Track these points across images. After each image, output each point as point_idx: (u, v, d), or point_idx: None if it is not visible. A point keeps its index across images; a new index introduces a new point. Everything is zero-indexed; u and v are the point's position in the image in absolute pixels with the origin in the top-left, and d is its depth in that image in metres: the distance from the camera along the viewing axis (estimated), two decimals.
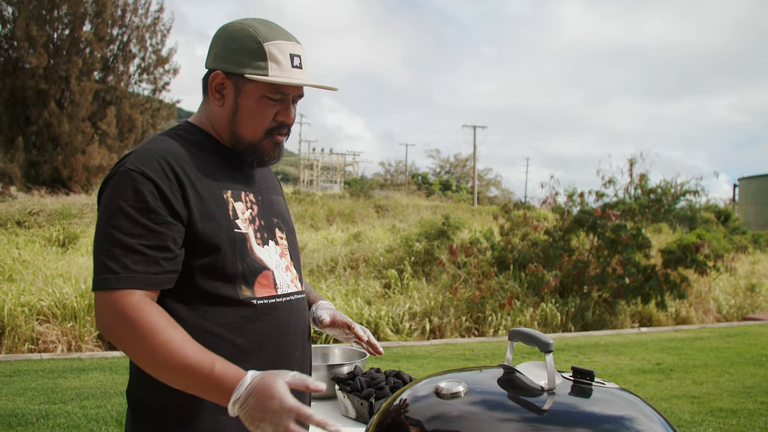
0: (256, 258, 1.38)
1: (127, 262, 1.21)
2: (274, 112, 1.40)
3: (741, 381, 5.90)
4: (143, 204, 1.24)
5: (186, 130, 1.44)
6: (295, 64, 1.38)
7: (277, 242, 1.46)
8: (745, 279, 13.53)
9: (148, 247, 1.23)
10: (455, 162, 56.79)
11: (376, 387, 1.94)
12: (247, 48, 1.35)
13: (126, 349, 1.24)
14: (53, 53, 22.46)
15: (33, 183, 20.26)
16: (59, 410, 4.47)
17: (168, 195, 1.27)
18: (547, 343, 1.30)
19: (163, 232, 1.25)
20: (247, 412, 1.15)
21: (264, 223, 1.44)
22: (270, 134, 1.41)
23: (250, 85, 1.37)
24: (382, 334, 8.59)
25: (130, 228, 1.23)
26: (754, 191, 38.61)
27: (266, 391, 1.14)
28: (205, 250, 1.31)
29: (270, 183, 1.56)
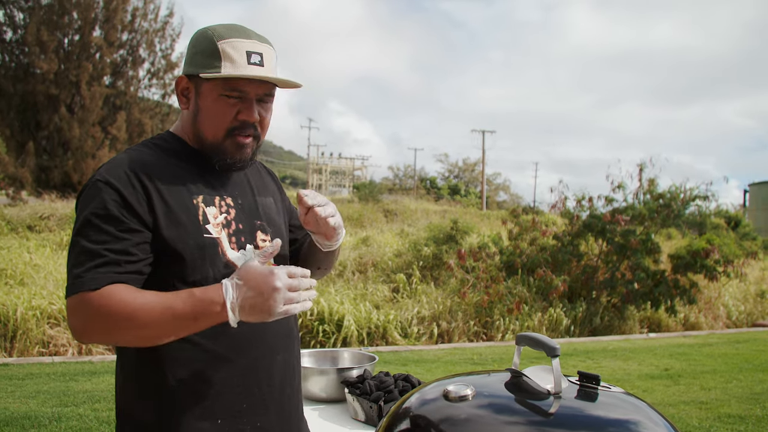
0: (229, 262, 1.37)
1: (91, 266, 1.24)
2: (235, 111, 1.38)
3: (749, 387, 5.88)
4: (106, 212, 1.27)
5: (163, 139, 1.46)
6: (252, 61, 1.36)
7: (258, 245, 1.45)
8: (756, 285, 13.47)
9: (112, 251, 1.25)
10: (464, 166, 56.75)
11: (385, 390, 1.96)
12: (203, 49, 1.36)
13: (107, 334, 1.26)
14: (64, 58, 22.64)
15: (44, 188, 20.39)
16: (71, 413, 4.52)
17: (132, 203, 1.29)
18: (553, 348, 1.32)
19: (126, 238, 1.27)
20: (250, 305, 1.19)
21: (242, 227, 1.43)
22: (231, 134, 1.39)
23: (207, 85, 1.37)
24: (391, 338, 8.61)
25: (95, 236, 1.26)
26: (764, 197, 38.37)
27: (257, 276, 1.20)
28: (172, 257, 1.32)
29: (259, 185, 1.55)
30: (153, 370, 1.34)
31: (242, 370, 1.37)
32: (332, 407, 2.11)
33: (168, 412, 1.33)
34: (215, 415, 1.35)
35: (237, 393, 1.37)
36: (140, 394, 1.36)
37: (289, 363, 1.49)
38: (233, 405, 1.36)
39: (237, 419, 1.37)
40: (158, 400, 1.32)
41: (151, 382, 1.34)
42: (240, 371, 1.37)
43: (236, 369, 1.37)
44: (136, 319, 1.21)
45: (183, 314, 1.21)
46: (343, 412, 2.07)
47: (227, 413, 1.36)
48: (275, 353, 1.44)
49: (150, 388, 1.34)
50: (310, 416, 2.00)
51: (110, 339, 1.28)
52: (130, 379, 1.38)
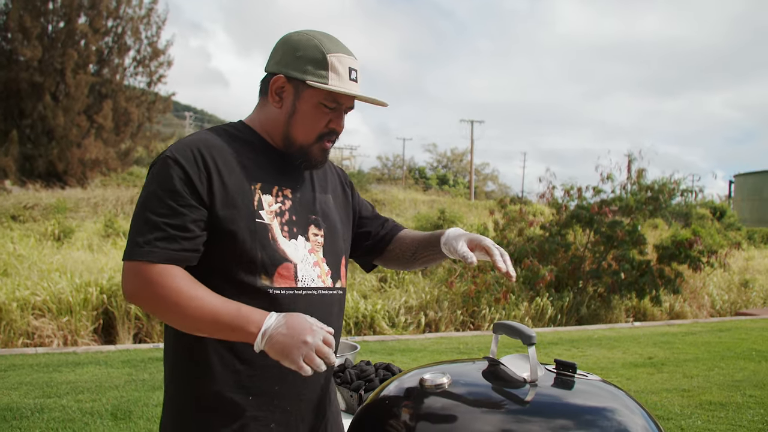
0: (278, 249, 1.44)
1: (151, 237, 1.34)
2: (328, 120, 1.48)
3: (731, 375, 5.95)
4: (171, 187, 1.36)
5: (234, 127, 1.54)
6: (352, 77, 1.47)
7: (309, 238, 1.51)
8: (739, 275, 13.60)
9: (170, 226, 1.34)
10: (452, 156, 56.79)
11: (366, 379, 1.97)
12: (311, 57, 1.45)
13: (154, 309, 1.36)
14: (48, 45, 22.40)
15: (28, 177, 20.21)
16: (54, 404, 4.49)
17: (194, 181, 1.37)
18: (529, 336, 1.33)
19: (185, 213, 1.35)
20: (276, 340, 1.27)
21: (296, 219, 1.49)
22: (320, 140, 1.49)
23: (310, 91, 1.45)
24: (378, 327, 8.63)
25: (158, 208, 1.35)
26: (749, 188, 38.70)
27: (298, 323, 1.28)
28: (225, 236, 1.39)
29: (322, 182, 1.63)
30: (195, 342, 1.42)
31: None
32: None
33: (203, 380, 1.41)
34: (248, 391, 1.41)
35: (272, 375, 1.42)
36: (180, 365, 1.45)
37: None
38: (266, 386, 1.42)
39: (268, 400, 1.42)
40: (195, 365, 1.42)
41: (192, 349, 1.42)
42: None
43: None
44: (184, 310, 1.31)
45: (224, 322, 1.30)
46: None
47: (259, 392, 1.42)
48: None
49: (191, 354, 1.43)
50: None
51: (154, 313, 1.38)
52: (173, 349, 1.47)
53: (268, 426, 1.42)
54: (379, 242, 1.76)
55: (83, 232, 13.47)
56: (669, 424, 4.39)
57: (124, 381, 5.15)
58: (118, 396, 4.72)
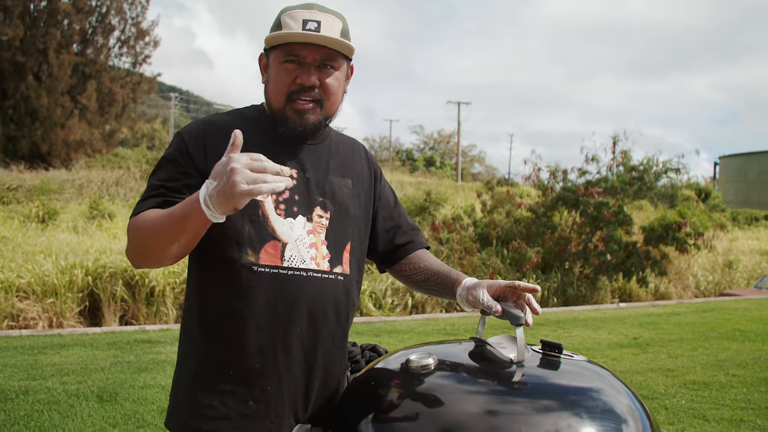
0: (268, 226, 1.42)
1: (146, 196, 1.41)
2: (293, 76, 1.44)
3: (714, 354, 6.02)
4: (171, 156, 1.45)
5: (249, 109, 1.58)
6: (307, 28, 1.42)
7: (311, 219, 1.48)
8: (724, 256, 13.74)
9: (166, 188, 1.41)
10: (439, 138, 56.77)
11: (352, 360, 1.95)
12: (272, 23, 1.49)
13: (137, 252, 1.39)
14: (30, 25, 22.03)
15: (11, 158, 19.97)
16: (39, 386, 4.46)
17: (192, 152, 1.44)
18: (517, 317, 1.32)
19: (180, 179, 1.42)
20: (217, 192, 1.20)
21: (298, 198, 1.47)
22: (291, 99, 1.45)
23: (272, 54, 1.47)
24: (365, 309, 8.64)
25: (159, 174, 1.45)
26: (734, 169, 39.04)
27: (218, 167, 1.22)
28: None
29: (340, 164, 1.58)
30: (189, 320, 1.49)
31: (256, 330, 1.42)
32: None
33: (192, 356, 1.46)
34: (228, 366, 1.42)
35: (252, 353, 1.42)
36: (182, 339, 1.52)
37: (309, 340, 1.47)
38: (247, 363, 1.42)
39: (248, 378, 1.42)
40: (188, 345, 1.48)
41: (190, 329, 1.49)
42: (254, 330, 1.42)
43: (251, 328, 1.42)
44: (147, 227, 1.34)
45: (178, 215, 1.29)
46: None
47: (240, 369, 1.42)
48: (296, 324, 1.45)
49: (188, 334, 1.49)
50: None
51: (139, 252, 1.39)
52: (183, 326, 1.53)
53: (246, 403, 1.42)
54: (391, 253, 1.69)
55: (68, 214, 13.35)
56: (653, 404, 4.44)
57: (110, 363, 5.13)
58: (104, 378, 4.70)
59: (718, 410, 4.34)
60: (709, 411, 4.32)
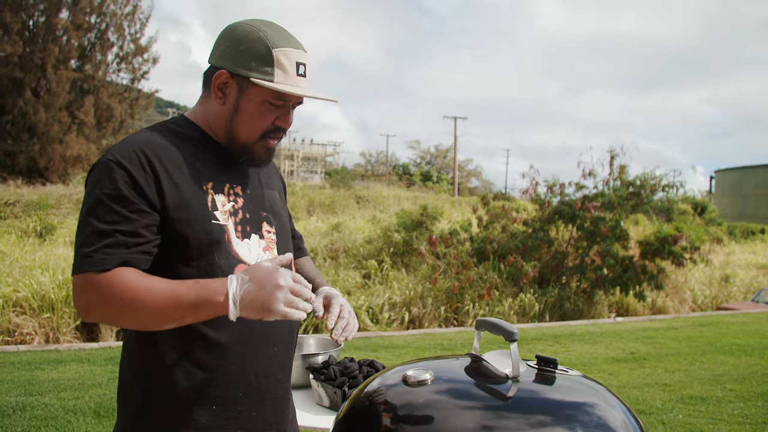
0: (232, 251, 1.38)
1: (100, 246, 1.26)
2: (273, 117, 1.41)
3: (711, 369, 6.02)
4: (117, 192, 1.28)
5: (177, 123, 1.46)
6: (300, 73, 1.39)
7: (263, 236, 1.46)
8: (720, 270, 13.77)
9: (122, 233, 1.27)
10: (436, 153, 56.88)
11: (350, 376, 1.97)
12: (256, 51, 1.36)
13: (112, 316, 1.29)
14: (28, 41, 22.12)
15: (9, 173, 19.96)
16: (36, 402, 4.45)
17: (141, 184, 1.30)
18: (511, 332, 1.34)
19: (137, 219, 1.28)
20: (252, 298, 1.21)
21: (249, 216, 1.44)
22: (265, 137, 1.43)
23: (255, 88, 1.38)
24: (362, 324, 8.64)
25: (106, 216, 1.27)
26: (730, 183, 39.15)
27: (262, 273, 1.22)
28: (179, 240, 1.33)
29: (266, 178, 1.57)
30: (152, 353, 1.36)
31: (240, 359, 1.38)
32: (297, 393, 2.11)
33: (163, 395, 1.35)
34: (210, 401, 1.36)
35: (234, 381, 1.37)
36: (138, 376, 1.38)
37: (286, 356, 1.49)
38: (229, 392, 1.37)
39: (232, 407, 1.38)
40: (154, 383, 1.35)
41: (149, 365, 1.36)
42: (238, 359, 1.37)
43: (234, 357, 1.37)
44: (140, 302, 1.23)
45: (186, 301, 1.23)
46: (308, 397, 2.08)
47: (222, 400, 1.37)
48: (274, 344, 1.44)
49: (148, 371, 1.36)
50: None
51: (114, 320, 1.31)
52: (130, 360, 1.40)
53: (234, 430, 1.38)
54: None
55: (65, 229, 13.34)
56: (650, 419, 4.45)
57: (107, 379, 5.11)
58: (101, 394, 4.69)
59: (716, 425, 4.35)
60: (707, 426, 4.32)
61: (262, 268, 1.23)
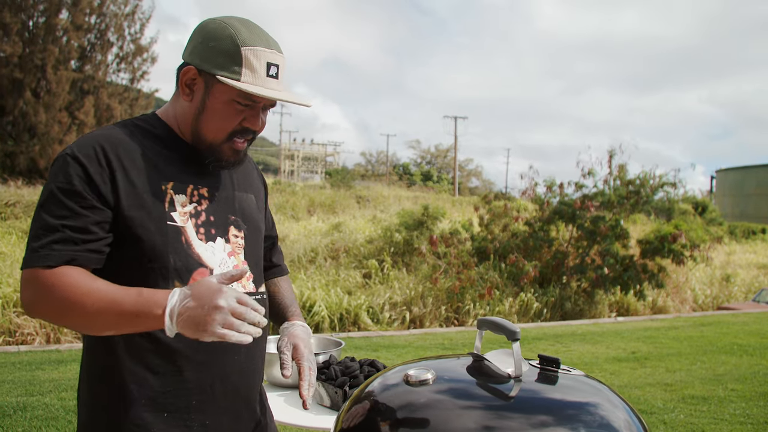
0: (193, 253, 1.34)
1: (47, 241, 1.23)
2: (241, 118, 1.36)
3: (712, 369, 6.02)
4: (70, 186, 1.26)
5: (145, 121, 1.42)
6: (270, 74, 1.34)
7: (229, 240, 1.42)
8: (721, 269, 13.76)
9: (71, 229, 1.24)
10: (436, 153, 56.90)
11: (351, 375, 1.97)
12: (224, 49, 1.32)
13: (56, 316, 1.24)
14: (28, 41, 22.12)
15: (9, 174, 19.98)
16: (37, 402, 4.45)
17: (95, 179, 1.27)
18: (513, 332, 1.33)
19: (87, 215, 1.25)
20: (188, 315, 1.14)
21: (214, 219, 1.40)
22: (231, 138, 1.37)
23: (221, 86, 1.33)
24: (363, 324, 8.63)
25: (57, 210, 1.25)
26: (731, 183, 39.14)
27: (203, 289, 1.15)
28: (133, 240, 1.30)
29: (242, 180, 1.52)
30: (107, 356, 1.32)
31: (195, 366, 1.34)
32: (298, 393, 2.11)
33: (116, 400, 1.32)
34: (162, 408, 1.32)
35: (187, 388, 1.34)
36: (94, 379, 1.35)
37: (248, 365, 1.45)
38: (182, 400, 1.34)
39: (184, 415, 1.34)
40: (108, 386, 1.32)
41: (105, 368, 1.33)
42: (193, 366, 1.34)
43: (189, 364, 1.34)
44: (80, 305, 1.19)
45: (126, 310, 1.18)
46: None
47: (175, 407, 1.33)
48: (236, 352, 1.40)
49: (103, 374, 1.33)
50: (276, 402, 1.99)
51: (55, 319, 1.26)
52: (88, 360, 1.37)
53: None
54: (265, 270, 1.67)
55: None
56: (652, 419, 4.44)
57: None
58: None
59: (717, 425, 4.34)
60: (708, 426, 4.31)
61: (205, 284, 1.17)
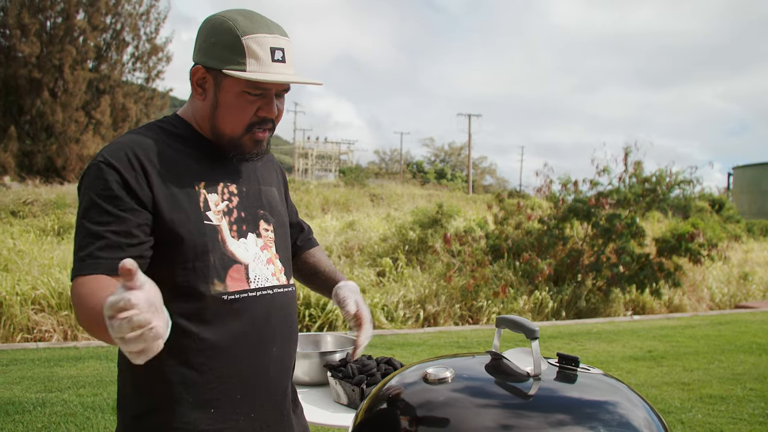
0: (228, 251, 1.36)
1: (93, 249, 1.23)
2: (256, 108, 1.37)
3: (731, 368, 5.96)
4: (109, 192, 1.26)
5: (169, 122, 1.44)
6: (276, 58, 1.33)
7: (260, 234, 1.44)
8: (739, 267, 13.61)
9: (114, 233, 1.24)
10: (450, 150, 56.83)
11: (368, 374, 1.97)
12: (226, 42, 1.32)
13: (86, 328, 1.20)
14: (46, 42, 22.36)
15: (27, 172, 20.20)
16: (56, 398, 4.50)
17: (132, 184, 1.28)
18: (532, 330, 1.33)
19: (129, 218, 1.26)
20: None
21: (244, 215, 1.42)
22: (251, 130, 1.38)
23: (229, 80, 1.34)
24: (377, 322, 8.63)
25: (98, 217, 1.25)
26: (748, 180, 38.72)
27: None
28: (173, 241, 1.31)
29: (265, 174, 1.54)
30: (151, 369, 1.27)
31: (234, 361, 1.36)
32: (315, 391, 2.12)
33: (161, 400, 1.33)
34: (209, 404, 1.34)
35: (231, 383, 1.35)
36: (135, 382, 1.36)
37: (285, 354, 1.47)
38: (227, 395, 1.35)
39: (231, 409, 1.36)
40: (152, 388, 1.33)
41: (146, 370, 1.28)
42: (232, 362, 1.35)
43: (228, 359, 1.35)
44: (82, 309, 1.18)
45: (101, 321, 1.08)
46: (325, 395, 2.08)
47: (220, 403, 1.35)
48: (272, 344, 1.42)
49: (144, 376, 1.33)
50: None
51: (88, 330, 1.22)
52: (126, 366, 1.37)
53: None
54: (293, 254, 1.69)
55: None
56: (669, 418, 4.41)
57: None
58: None
59: (736, 425, 4.30)
60: (726, 425, 4.28)
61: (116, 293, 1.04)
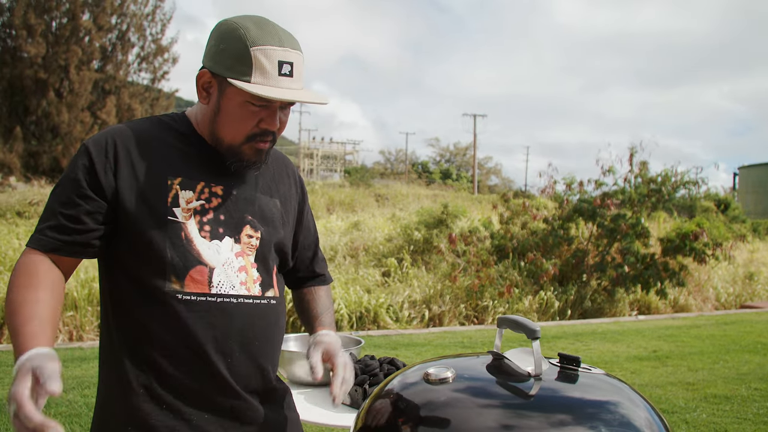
0: (192, 250, 1.33)
1: (44, 226, 1.29)
2: (258, 119, 1.35)
3: (736, 368, 5.94)
4: (74, 175, 1.30)
5: (171, 117, 1.44)
6: (283, 72, 1.31)
7: (240, 240, 1.40)
8: (744, 267, 13.57)
9: (65, 216, 1.28)
10: (455, 151, 56.79)
11: (370, 374, 1.97)
12: (234, 51, 1.30)
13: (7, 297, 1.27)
14: (52, 42, 22.43)
15: (32, 173, 20.29)
16: (61, 399, 4.51)
17: (98, 171, 1.30)
18: (533, 330, 1.33)
19: (81, 204, 1.29)
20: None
21: (224, 218, 1.38)
22: (251, 140, 1.37)
23: (233, 89, 1.32)
24: (382, 322, 8.64)
25: (60, 196, 1.30)
26: (753, 180, 38.58)
27: (18, 377, 1.13)
28: (131, 233, 1.32)
29: (271, 185, 1.51)
30: (109, 344, 1.39)
31: (182, 363, 1.34)
32: (318, 391, 2.12)
33: (118, 391, 1.36)
34: (160, 399, 1.34)
35: (183, 383, 1.34)
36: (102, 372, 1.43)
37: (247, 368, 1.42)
38: (178, 393, 1.35)
39: (182, 408, 1.35)
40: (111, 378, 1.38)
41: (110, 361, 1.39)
42: (180, 363, 1.34)
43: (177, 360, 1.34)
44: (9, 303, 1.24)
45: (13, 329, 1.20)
46: (328, 395, 2.08)
47: (171, 399, 1.34)
48: (228, 355, 1.37)
49: (108, 366, 1.40)
50: (296, 400, 2.00)
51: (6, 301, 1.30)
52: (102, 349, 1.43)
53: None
54: (307, 279, 1.66)
55: None
56: (674, 418, 4.40)
57: None
58: None
59: (740, 425, 4.29)
60: (731, 425, 4.27)
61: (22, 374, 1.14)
